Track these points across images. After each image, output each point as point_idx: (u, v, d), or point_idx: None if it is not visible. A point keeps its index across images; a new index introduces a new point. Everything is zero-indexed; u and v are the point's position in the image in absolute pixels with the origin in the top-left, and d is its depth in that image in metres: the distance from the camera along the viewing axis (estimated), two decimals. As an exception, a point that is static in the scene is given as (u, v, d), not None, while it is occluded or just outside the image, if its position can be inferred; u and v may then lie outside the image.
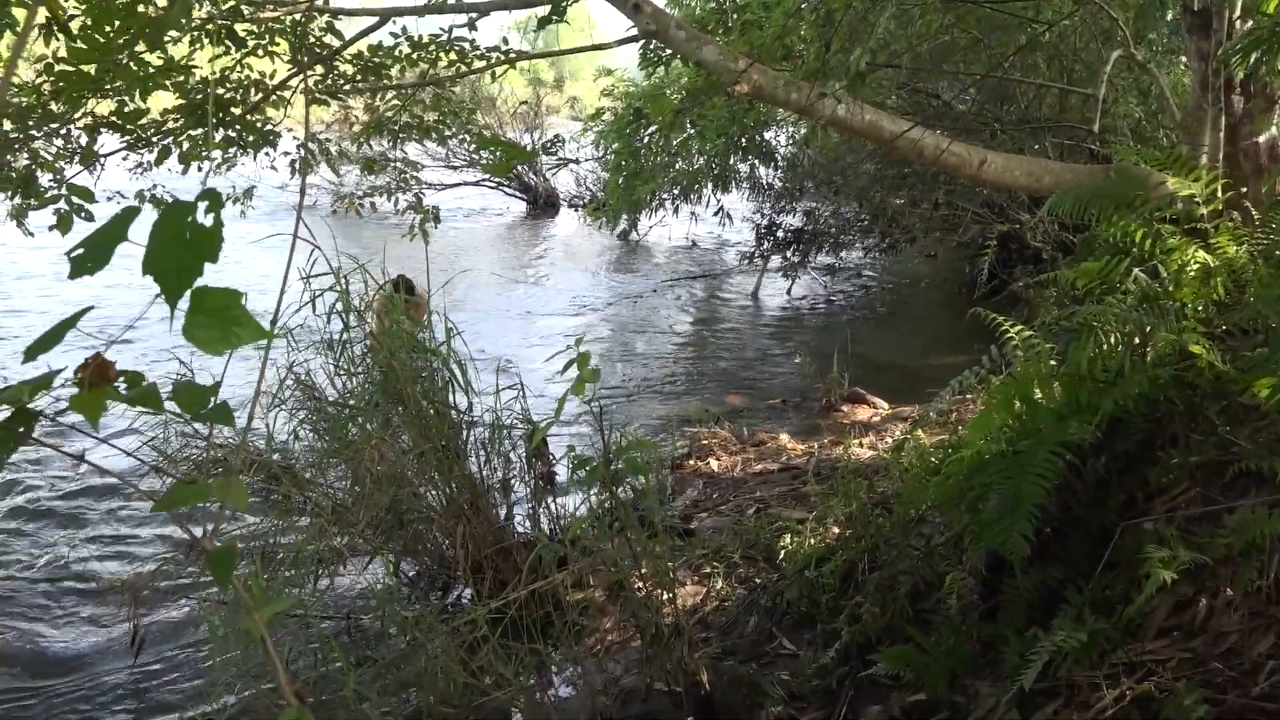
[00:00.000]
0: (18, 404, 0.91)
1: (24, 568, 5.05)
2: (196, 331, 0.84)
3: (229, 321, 0.85)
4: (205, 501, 0.93)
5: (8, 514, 5.69)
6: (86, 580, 4.92)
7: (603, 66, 14.25)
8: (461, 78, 6.77)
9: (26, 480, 6.13)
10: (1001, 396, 2.82)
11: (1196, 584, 2.35)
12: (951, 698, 2.59)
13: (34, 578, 4.94)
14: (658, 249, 15.53)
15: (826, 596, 3.46)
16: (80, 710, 3.87)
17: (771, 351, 9.57)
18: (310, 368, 4.03)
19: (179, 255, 0.83)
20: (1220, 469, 2.51)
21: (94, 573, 5.00)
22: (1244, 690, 2.05)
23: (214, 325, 0.84)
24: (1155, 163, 3.26)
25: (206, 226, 0.84)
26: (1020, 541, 2.44)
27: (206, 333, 0.84)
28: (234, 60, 5.69)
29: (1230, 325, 2.71)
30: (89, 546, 5.31)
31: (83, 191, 3.51)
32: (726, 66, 3.93)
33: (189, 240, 0.83)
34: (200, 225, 0.84)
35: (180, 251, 0.83)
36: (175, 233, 0.84)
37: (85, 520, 5.64)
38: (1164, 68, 6.73)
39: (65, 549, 5.27)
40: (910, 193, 10.41)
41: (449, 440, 3.84)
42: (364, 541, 3.85)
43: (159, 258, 0.83)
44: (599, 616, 3.82)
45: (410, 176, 8.16)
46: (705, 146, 9.20)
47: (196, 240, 0.83)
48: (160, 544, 5.27)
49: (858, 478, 4.33)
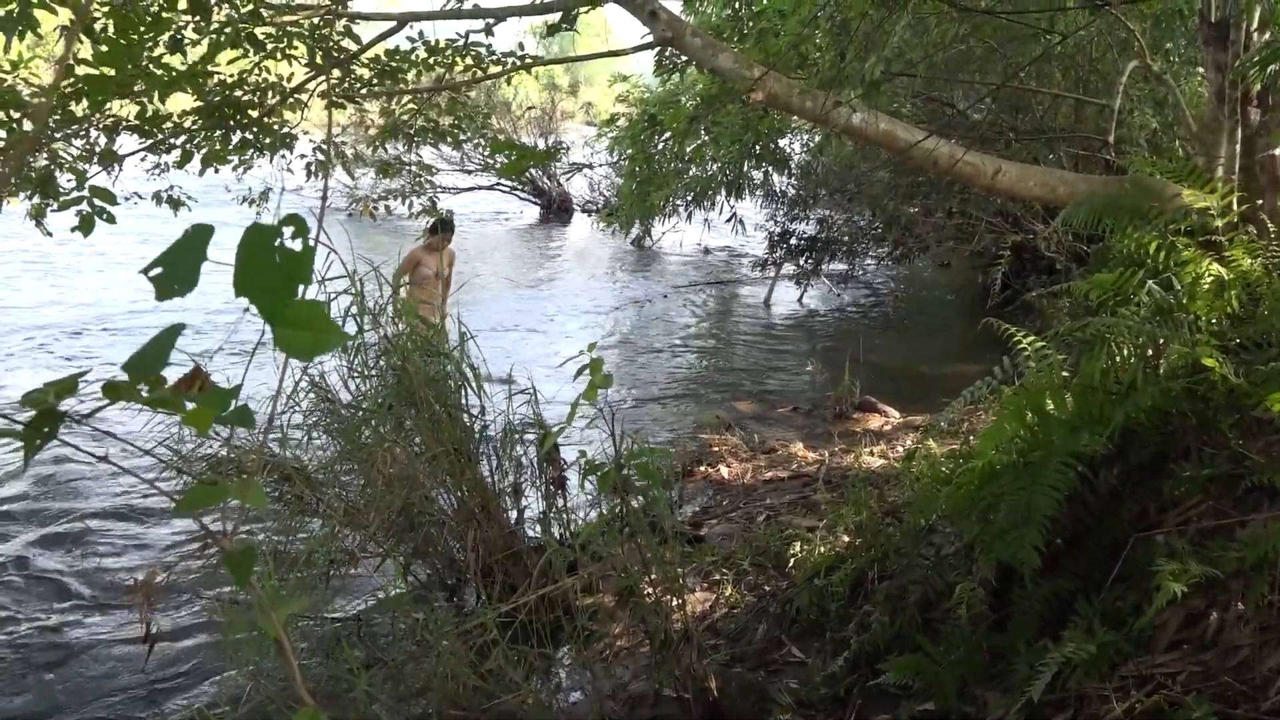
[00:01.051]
0: (44, 406, 0.93)
1: (38, 564, 5.09)
2: (290, 343, 0.91)
3: (316, 330, 0.92)
4: (224, 502, 0.95)
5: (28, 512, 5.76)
6: (100, 578, 4.96)
7: (617, 73, 14.31)
8: (477, 83, 6.80)
9: (48, 475, 6.21)
10: (1013, 407, 2.82)
11: (1208, 597, 2.35)
12: (960, 708, 2.59)
13: (47, 574, 4.98)
14: (670, 255, 15.55)
15: (836, 605, 3.46)
16: (92, 707, 3.90)
17: (783, 359, 9.57)
18: (324, 369, 4.05)
19: (270, 278, 0.90)
20: (1233, 483, 2.51)
21: (108, 571, 5.04)
22: (1254, 704, 2.04)
23: (305, 336, 0.91)
24: (1170, 174, 3.26)
25: (294, 250, 0.92)
26: (1031, 552, 2.44)
27: (299, 343, 0.91)
28: (252, 63, 5.74)
29: (1244, 338, 2.70)
30: (102, 545, 5.35)
31: (104, 194, 3.54)
32: (741, 74, 3.95)
33: (280, 264, 0.91)
34: (289, 250, 0.92)
35: (271, 274, 0.90)
36: (264, 255, 0.91)
37: (100, 518, 5.69)
38: (1180, 79, 6.72)
39: (79, 547, 5.31)
40: (924, 201, 10.40)
41: (461, 444, 3.86)
42: (375, 544, 3.87)
43: (251, 280, 0.90)
44: (608, 622, 3.83)
45: (425, 180, 8.21)
46: (719, 153, 9.22)
47: (286, 264, 0.91)
48: (173, 544, 5.31)
49: (868, 486, 4.33)
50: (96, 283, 11.80)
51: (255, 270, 0.91)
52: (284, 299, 0.91)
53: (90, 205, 3.95)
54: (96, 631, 4.44)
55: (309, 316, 0.92)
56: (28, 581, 4.91)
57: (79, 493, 6.08)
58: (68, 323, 10.15)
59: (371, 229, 9.37)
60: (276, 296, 0.91)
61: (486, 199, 19.45)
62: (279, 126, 5.97)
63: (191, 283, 0.92)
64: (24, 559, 5.13)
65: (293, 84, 5.88)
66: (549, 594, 3.21)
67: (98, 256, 12.74)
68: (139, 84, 4.70)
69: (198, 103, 5.52)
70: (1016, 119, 8.44)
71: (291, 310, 0.91)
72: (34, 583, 4.91)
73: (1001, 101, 8.16)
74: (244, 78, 5.76)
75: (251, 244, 0.91)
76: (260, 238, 0.92)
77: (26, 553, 5.20)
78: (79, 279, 12.10)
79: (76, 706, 3.90)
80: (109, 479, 6.23)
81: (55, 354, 9.04)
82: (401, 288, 7.27)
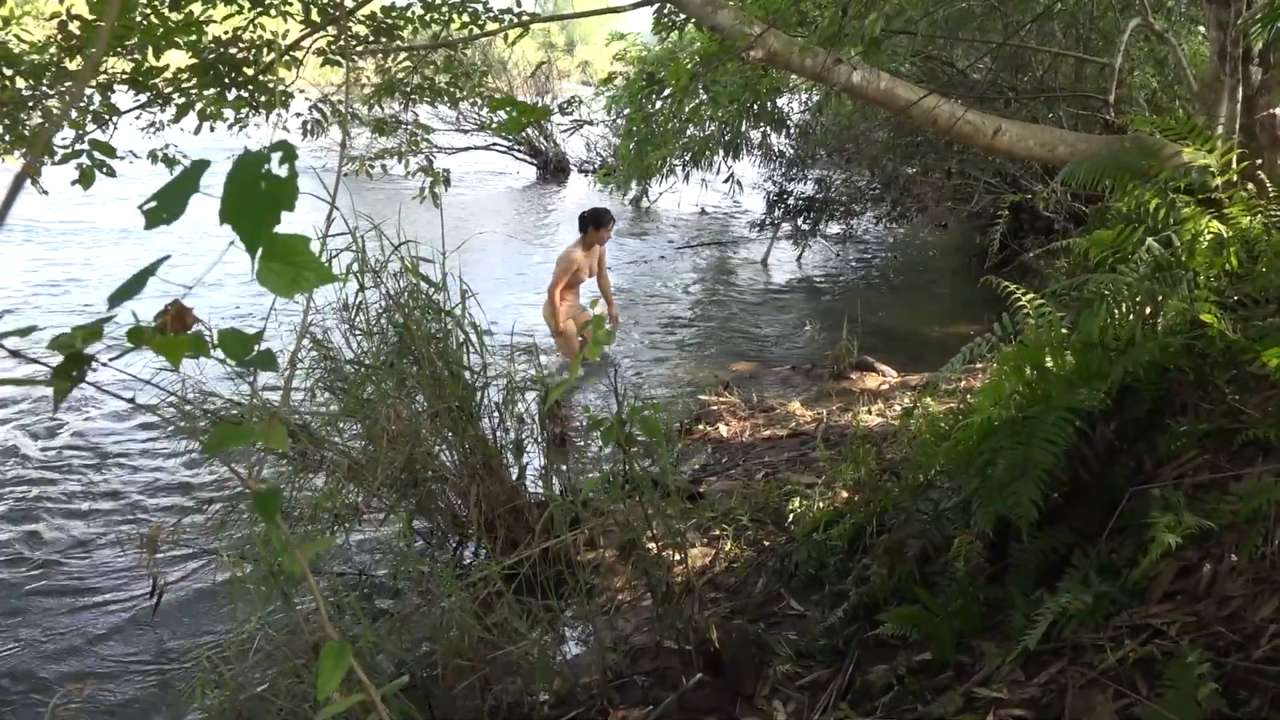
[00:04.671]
0: (71, 350, 0.95)
1: (50, 515, 5.15)
2: (270, 277, 0.87)
3: (299, 266, 0.88)
4: (249, 443, 0.97)
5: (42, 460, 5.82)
6: (108, 529, 5.01)
7: (615, 31, 14.15)
8: (474, 40, 6.75)
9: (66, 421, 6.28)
10: (1013, 363, 2.85)
11: (1202, 549, 2.39)
12: (957, 658, 2.64)
13: (57, 526, 5.03)
14: (668, 216, 15.50)
15: (835, 559, 3.51)
16: (99, 657, 3.96)
17: (781, 318, 9.58)
18: (327, 326, 4.07)
19: (255, 205, 0.86)
20: (1229, 437, 2.54)
21: (113, 521, 5.10)
22: (1246, 653, 2.09)
23: (285, 270, 0.87)
24: (1171, 133, 3.26)
25: (280, 177, 0.87)
26: (1029, 506, 2.48)
27: (279, 278, 0.87)
28: (247, 19, 5.69)
29: (1242, 295, 2.73)
30: (110, 496, 5.40)
31: (105, 147, 3.53)
32: (741, 31, 3.92)
33: (264, 190, 0.86)
34: (274, 175, 0.87)
35: (256, 201, 0.86)
36: (250, 183, 0.86)
37: (108, 467, 5.74)
38: (1182, 37, 6.68)
39: (85, 498, 5.36)
40: (922, 161, 10.36)
41: (463, 401, 3.88)
42: (379, 500, 3.91)
43: (235, 208, 0.86)
44: (610, 576, 3.88)
45: (421, 139, 8.16)
46: (717, 113, 9.15)
47: (271, 190, 0.86)
48: (180, 494, 5.36)
49: (866, 444, 4.37)
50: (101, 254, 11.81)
51: (240, 197, 0.87)
52: (266, 226, 0.87)
53: (90, 159, 3.94)
54: (103, 583, 4.50)
55: (292, 250, 0.90)
56: (29, 536, 4.95)
57: (86, 444, 6.12)
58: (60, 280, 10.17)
59: (368, 188, 9.32)
60: (259, 224, 0.87)
61: (483, 159, 19.32)
62: (274, 84, 5.93)
63: (178, 212, 0.89)
64: (30, 511, 5.18)
65: (288, 41, 5.83)
66: (552, 548, 3.25)
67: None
68: (133, 37, 4.66)
69: (193, 60, 5.48)
70: (1017, 78, 8.39)
71: (275, 243, 0.88)
72: (38, 535, 4.96)
73: (1002, 60, 8.11)
74: (239, 34, 5.71)
75: (238, 171, 0.88)
76: (248, 166, 0.89)
77: (32, 505, 5.25)
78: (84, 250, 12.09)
79: (83, 658, 3.96)
80: (118, 427, 6.28)
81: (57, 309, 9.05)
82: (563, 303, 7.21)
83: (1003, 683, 2.40)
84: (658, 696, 3.00)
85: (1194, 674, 1.98)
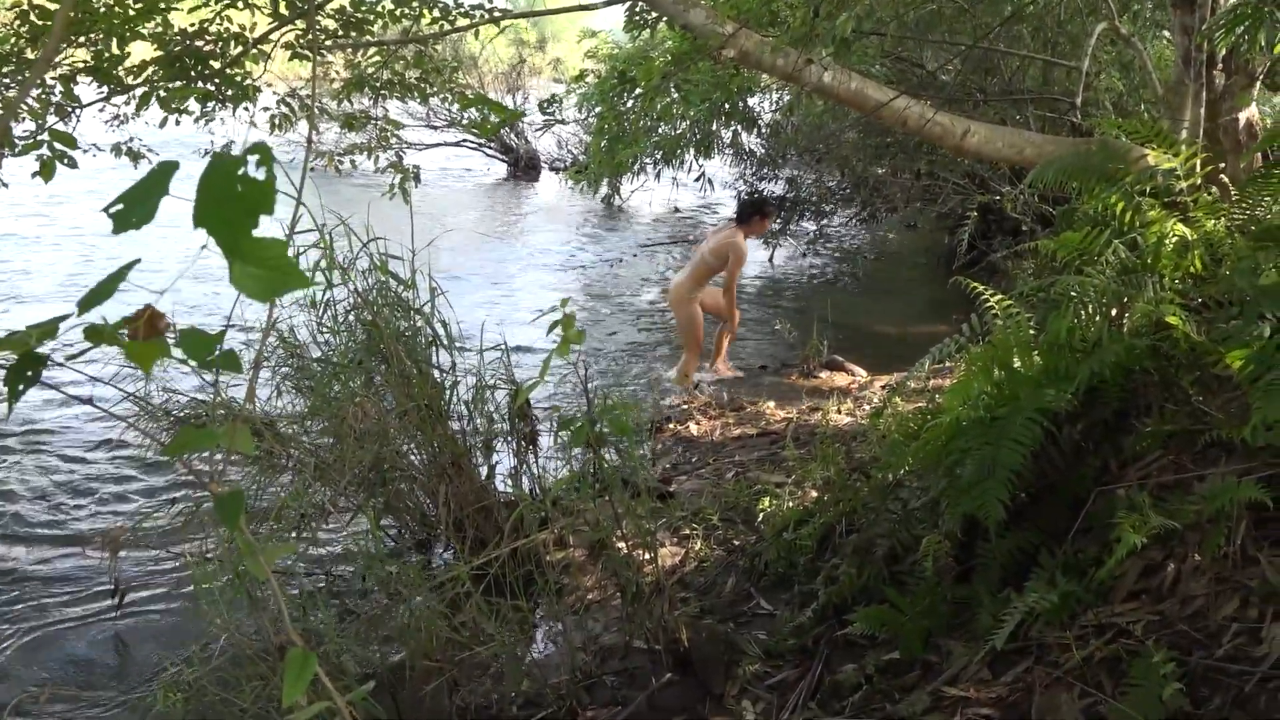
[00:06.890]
0: (25, 349, 0.92)
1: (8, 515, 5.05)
2: (246, 281, 0.85)
3: (276, 271, 0.86)
4: (212, 446, 0.95)
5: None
6: (69, 528, 4.93)
7: (586, 28, 14.12)
8: (444, 35, 6.70)
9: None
10: (981, 364, 2.86)
11: (1166, 549, 2.41)
12: (925, 657, 2.66)
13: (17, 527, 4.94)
14: (639, 214, 15.48)
15: (804, 558, 3.51)
16: (62, 660, 3.89)
17: (751, 317, 9.59)
18: (294, 324, 4.02)
19: (231, 209, 0.84)
20: (1192, 438, 2.57)
21: (75, 522, 5.01)
22: (1209, 652, 2.11)
23: (262, 275, 0.85)
24: (1136, 136, 3.29)
25: (256, 180, 0.85)
26: (996, 506, 2.49)
27: (256, 283, 0.85)
28: (214, 12, 5.61)
29: (1206, 297, 2.75)
30: (73, 497, 5.31)
31: (66, 138, 3.47)
32: (713, 30, 3.92)
33: (240, 194, 0.84)
34: (251, 178, 0.85)
35: (232, 205, 0.84)
36: (225, 186, 0.84)
37: (70, 469, 5.64)
38: (1148, 41, 6.76)
39: (46, 499, 5.26)
40: (892, 162, 10.42)
41: (432, 400, 3.85)
42: (345, 499, 3.87)
43: (210, 211, 0.84)
44: (579, 575, 3.86)
45: (391, 135, 8.09)
46: (689, 111, 9.15)
47: (248, 194, 0.84)
48: (143, 496, 5.27)
49: (836, 443, 4.38)
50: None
51: (215, 201, 0.85)
52: (243, 230, 0.85)
53: (51, 150, 3.86)
54: (63, 585, 4.42)
55: (269, 255, 0.87)
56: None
57: (45, 443, 6.01)
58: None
59: (337, 183, 9.23)
60: (236, 230, 0.85)
61: (453, 155, 19.20)
62: (241, 78, 5.86)
63: (148, 216, 0.87)
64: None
65: (255, 34, 5.76)
66: (521, 548, 3.23)
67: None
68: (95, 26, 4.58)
69: (158, 52, 5.40)
70: (986, 80, 8.46)
71: (252, 247, 0.86)
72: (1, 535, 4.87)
73: (971, 62, 8.17)
74: (205, 27, 5.63)
75: (213, 174, 0.86)
76: (223, 168, 0.86)
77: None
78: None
79: (44, 660, 3.89)
80: (77, 427, 6.18)
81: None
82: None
83: (970, 682, 2.42)
84: (627, 696, 2.99)
85: (1158, 673, 2.00)
